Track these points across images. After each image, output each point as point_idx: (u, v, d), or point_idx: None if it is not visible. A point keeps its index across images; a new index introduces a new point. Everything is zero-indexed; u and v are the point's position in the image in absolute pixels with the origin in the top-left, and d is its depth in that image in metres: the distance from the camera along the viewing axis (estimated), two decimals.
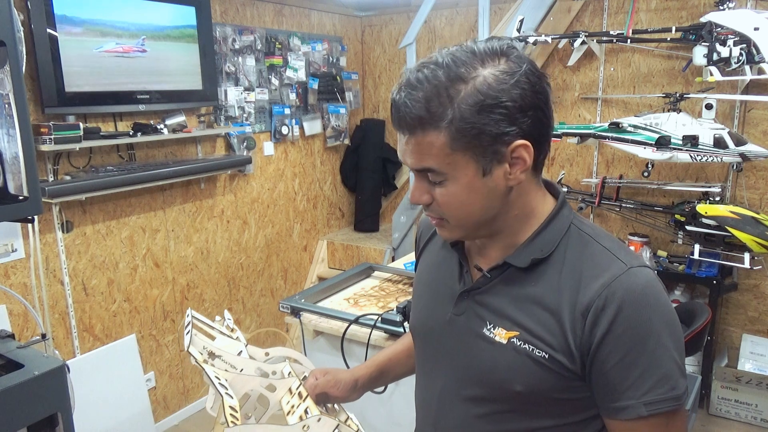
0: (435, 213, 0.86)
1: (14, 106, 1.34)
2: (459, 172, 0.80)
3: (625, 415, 0.78)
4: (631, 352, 0.77)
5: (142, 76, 2.70)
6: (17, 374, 1.31)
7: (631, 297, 0.78)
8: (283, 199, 3.76)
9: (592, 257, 0.83)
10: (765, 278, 3.09)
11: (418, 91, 0.77)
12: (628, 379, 0.78)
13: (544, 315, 0.82)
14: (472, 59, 0.77)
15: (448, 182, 0.81)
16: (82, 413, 1.63)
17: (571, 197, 3.35)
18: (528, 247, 0.86)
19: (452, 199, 0.82)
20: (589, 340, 0.79)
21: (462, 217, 0.84)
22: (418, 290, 1.06)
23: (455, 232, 0.87)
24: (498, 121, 0.77)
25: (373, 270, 2.43)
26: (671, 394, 0.77)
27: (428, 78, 0.77)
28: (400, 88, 0.80)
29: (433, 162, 0.79)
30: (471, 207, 0.82)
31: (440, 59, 0.79)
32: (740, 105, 3.00)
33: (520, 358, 0.83)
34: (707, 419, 2.99)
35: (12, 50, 1.32)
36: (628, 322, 0.77)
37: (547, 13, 3.28)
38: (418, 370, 1.04)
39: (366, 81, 4.35)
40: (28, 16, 2.26)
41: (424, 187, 0.84)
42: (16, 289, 2.40)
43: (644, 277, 0.80)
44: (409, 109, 0.78)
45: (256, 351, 1.16)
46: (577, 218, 0.90)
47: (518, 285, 0.86)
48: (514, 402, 0.85)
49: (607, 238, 0.87)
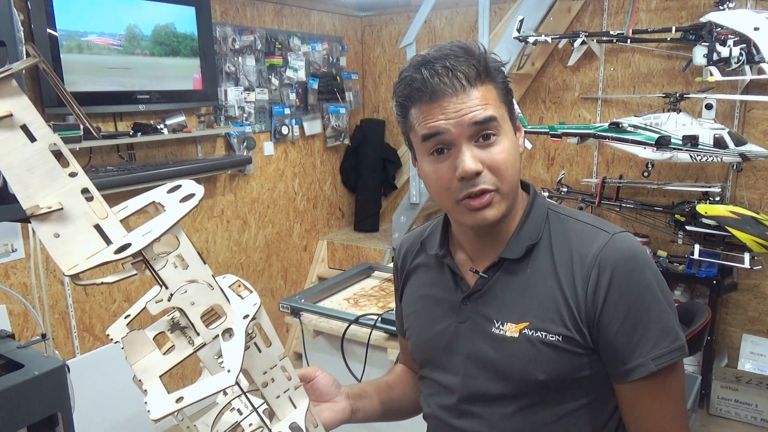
0: (488, 182, 0.81)
1: None
2: (506, 126, 0.84)
3: (637, 374, 0.81)
4: (631, 313, 0.80)
5: (143, 77, 2.70)
6: (17, 374, 1.31)
7: (621, 261, 0.81)
8: (283, 199, 3.76)
9: (577, 234, 0.87)
10: (765, 278, 3.09)
11: (457, 55, 0.81)
12: (633, 339, 0.80)
13: (547, 298, 0.84)
14: (468, 42, 0.84)
15: (500, 138, 0.82)
16: (82, 413, 1.63)
17: (571, 197, 3.35)
18: (518, 238, 0.88)
19: (507, 155, 0.82)
20: (593, 310, 0.81)
21: (514, 178, 0.84)
22: (413, 313, 1.02)
23: (503, 203, 0.84)
24: (509, 87, 0.87)
25: (373, 270, 2.43)
26: (675, 345, 0.81)
27: (458, 46, 0.82)
28: (427, 62, 0.81)
29: (494, 111, 0.81)
30: (516, 166, 0.85)
31: (447, 43, 0.84)
32: (740, 105, 3.00)
33: (536, 347, 0.83)
34: (707, 419, 2.99)
35: (12, 50, 1.32)
36: (623, 285, 0.80)
37: (547, 13, 3.28)
38: (428, 389, 1.00)
39: (366, 81, 4.35)
40: (28, 16, 2.26)
41: (476, 155, 0.81)
42: (16, 289, 2.40)
43: (628, 240, 0.84)
44: (463, 65, 0.80)
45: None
46: (550, 203, 0.93)
47: (516, 276, 0.87)
48: (540, 392, 0.85)
49: (583, 215, 0.91)
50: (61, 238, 0.60)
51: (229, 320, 0.69)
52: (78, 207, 0.61)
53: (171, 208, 0.66)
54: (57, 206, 0.60)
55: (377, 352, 1.82)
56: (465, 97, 0.79)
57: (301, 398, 0.79)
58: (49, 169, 0.60)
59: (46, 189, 0.60)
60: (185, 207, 0.64)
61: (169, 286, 0.65)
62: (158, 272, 0.64)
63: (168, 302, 0.65)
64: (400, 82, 0.84)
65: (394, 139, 4.29)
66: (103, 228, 0.63)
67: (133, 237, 0.62)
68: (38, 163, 0.59)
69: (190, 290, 0.66)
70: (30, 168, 0.59)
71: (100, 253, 0.61)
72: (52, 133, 0.61)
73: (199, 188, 0.68)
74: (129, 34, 2.63)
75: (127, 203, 0.71)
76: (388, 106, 4.29)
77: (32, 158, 0.59)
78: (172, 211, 0.65)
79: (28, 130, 0.58)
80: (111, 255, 0.60)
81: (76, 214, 0.61)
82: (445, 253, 0.95)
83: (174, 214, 0.63)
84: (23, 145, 0.58)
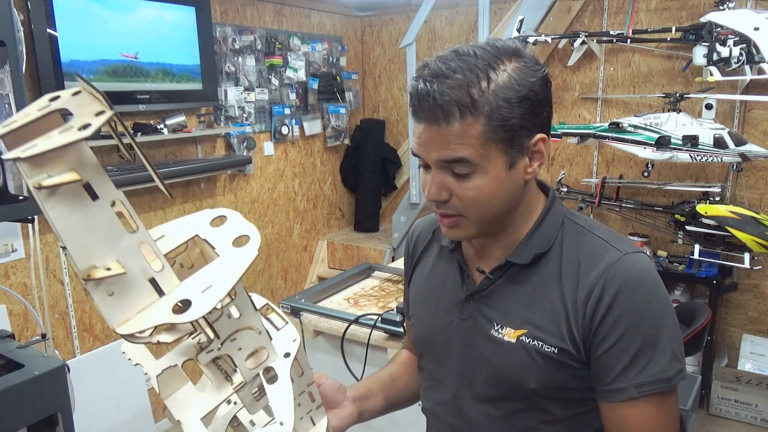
0: (453, 210, 0.82)
1: (14, 107, 1.34)
2: (490, 164, 0.79)
3: (617, 397, 0.80)
4: (626, 336, 0.79)
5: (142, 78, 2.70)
6: (17, 374, 1.31)
7: (627, 282, 0.79)
8: (283, 199, 3.76)
9: (588, 248, 0.85)
10: (765, 278, 3.09)
11: (452, 79, 0.75)
12: (622, 361, 0.79)
13: (548, 308, 0.83)
14: (497, 53, 0.78)
15: (477, 175, 0.79)
16: (82, 413, 1.63)
17: (571, 197, 3.35)
18: (528, 244, 0.87)
19: (479, 192, 0.80)
20: (590, 326, 0.80)
21: (485, 212, 0.82)
22: (419, 301, 1.04)
23: (471, 229, 0.84)
24: (525, 113, 0.78)
25: (373, 270, 2.43)
26: (662, 375, 0.79)
27: (462, 68, 0.76)
28: (425, 78, 0.77)
29: (466, 152, 0.77)
30: (495, 200, 0.81)
31: (466, 50, 0.78)
32: (740, 105, 3.00)
33: (531, 355, 0.83)
34: (707, 419, 2.99)
35: (12, 50, 1.32)
36: (623, 307, 0.79)
37: (547, 13, 3.28)
38: (427, 381, 1.02)
39: (366, 81, 4.35)
40: (28, 16, 2.26)
41: (444, 183, 0.80)
42: (16, 289, 2.40)
43: (639, 262, 0.82)
44: (448, 96, 0.75)
45: None
46: (569, 212, 0.91)
47: (521, 282, 0.87)
48: (529, 399, 0.86)
49: (600, 228, 0.88)
50: (115, 296, 0.56)
51: (270, 359, 0.67)
52: (135, 264, 0.57)
53: (225, 254, 0.61)
54: (118, 270, 0.55)
55: (377, 352, 1.82)
56: (440, 131, 0.77)
57: (320, 416, 0.80)
58: (108, 228, 0.55)
59: (105, 248, 0.55)
60: (244, 259, 0.60)
61: (220, 336, 0.62)
62: (213, 324, 0.61)
63: (218, 351, 0.63)
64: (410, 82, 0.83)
65: (394, 139, 4.29)
66: (158, 280, 0.59)
67: (190, 292, 0.57)
68: (98, 222, 0.55)
69: (239, 337, 0.64)
70: (90, 228, 0.54)
71: (158, 313, 0.56)
72: (114, 188, 0.55)
73: (251, 229, 0.64)
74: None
75: (164, 232, 0.66)
76: (388, 106, 4.29)
77: (93, 217, 0.54)
78: (230, 263, 0.60)
79: (90, 188, 0.54)
80: (170, 316, 0.55)
81: (133, 271, 0.57)
82: (456, 246, 0.95)
83: (234, 269, 0.59)
84: (85, 204, 0.54)
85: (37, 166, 0.50)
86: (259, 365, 0.67)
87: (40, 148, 0.49)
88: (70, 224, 0.53)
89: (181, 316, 0.55)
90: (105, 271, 0.54)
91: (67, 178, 0.51)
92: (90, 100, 0.54)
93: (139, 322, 0.56)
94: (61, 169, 0.51)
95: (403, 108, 4.14)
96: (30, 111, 0.54)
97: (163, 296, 0.58)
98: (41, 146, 0.49)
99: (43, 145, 0.49)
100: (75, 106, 0.53)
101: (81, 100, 0.54)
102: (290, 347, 0.70)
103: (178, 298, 0.57)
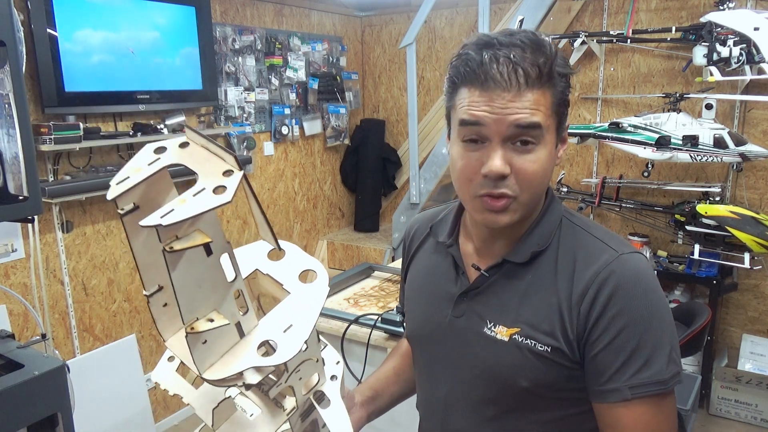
0: (510, 188, 0.79)
1: (14, 106, 1.34)
2: (549, 136, 0.80)
3: (611, 398, 0.79)
4: (620, 336, 0.78)
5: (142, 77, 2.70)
6: (17, 374, 1.31)
7: (623, 282, 0.79)
8: (283, 199, 3.76)
9: (585, 247, 0.84)
10: (765, 278, 3.09)
11: (523, 48, 0.76)
12: (616, 362, 0.78)
13: (543, 307, 0.83)
14: (543, 37, 0.80)
15: (539, 148, 0.78)
16: (82, 413, 1.63)
17: (571, 197, 3.35)
18: (526, 242, 0.86)
19: (539, 167, 0.79)
20: (585, 326, 0.80)
21: (539, 190, 0.82)
22: (413, 297, 1.03)
23: (517, 213, 0.82)
24: (568, 95, 0.82)
25: (373, 270, 2.43)
26: (656, 378, 0.77)
27: (532, 41, 0.77)
28: (495, 46, 0.76)
29: (541, 118, 0.77)
30: (545, 180, 0.82)
31: (517, 30, 0.79)
32: (740, 105, 3.00)
33: (523, 354, 0.83)
34: (707, 419, 2.99)
35: (12, 50, 1.32)
36: (618, 307, 0.78)
37: (547, 13, 3.28)
38: (420, 376, 1.02)
39: (366, 81, 4.35)
40: (28, 16, 2.26)
41: (507, 157, 0.78)
42: (16, 289, 2.40)
43: (636, 262, 0.81)
44: (529, 61, 0.75)
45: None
46: (567, 211, 0.91)
47: (516, 280, 0.86)
48: (521, 398, 0.85)
49: (597, 228, 0.88)
50: (208, 343, 0.55)
51: (320, 382, 0.67)
52: (229, 311, 0.57)
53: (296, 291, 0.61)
54: (222, 322, 0.54)
55: (377, 352, 1.82)
56: (517, 96, 0.75)
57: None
58: (214, 281, 0.55)
59: (208, 300, 0.55)
60: (319, 296, 0.60)
61: (289, 369, 0.62)
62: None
63: (285, 384, 0.63)
64: (458, 57, 0.80)
65: (394, 139, 4.29)
66: (242, 323, 0.58)
67: (272, 333, 0.57)
68: (207, 276, 0.54)
69: (302, 368, 0.65)
70: (200, 282, 0.53)
71: (245, 357, 0.55)
72: (224, 239, 0.55)
73: (316, 263, 0.63)
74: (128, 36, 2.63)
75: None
76: (388, 106, 4.29)
77: (204, 272, 0.54)
78: (305, 301, 0.59)
79: (207, 246, 0.53)
80: (258, 359, 0.54)
81: (228, 319, 0.57)
82: (453, 242, 0.95)
83: (312, 308, 0.59)
84: (201, 261, 0.53)
85: (171, 230, 0.49)
86: (310, 390, 0.67)
87: (181, 215, 0.47)
88: (186, 281, 0.52)
89: (270, 359, 0.54)
90: (208, 323, 0.53)
91: (198, 240, 0.50)
92: (206, 156, 0.52)
93: (225, 367, 0.55)
94: (189, 230, 0.50)
95: (403, 108, 4.14)
96: (140, 165, 0.51)
97: (243, 337, 0.57)
98: (180, 212, 0.47)
99: (182, 211, 0.47)
100: (193, 163, 0.51)
101: (196, 155, 0.52)
102: (336, 370, 0.71)
103: (260, 339, 0.56)
